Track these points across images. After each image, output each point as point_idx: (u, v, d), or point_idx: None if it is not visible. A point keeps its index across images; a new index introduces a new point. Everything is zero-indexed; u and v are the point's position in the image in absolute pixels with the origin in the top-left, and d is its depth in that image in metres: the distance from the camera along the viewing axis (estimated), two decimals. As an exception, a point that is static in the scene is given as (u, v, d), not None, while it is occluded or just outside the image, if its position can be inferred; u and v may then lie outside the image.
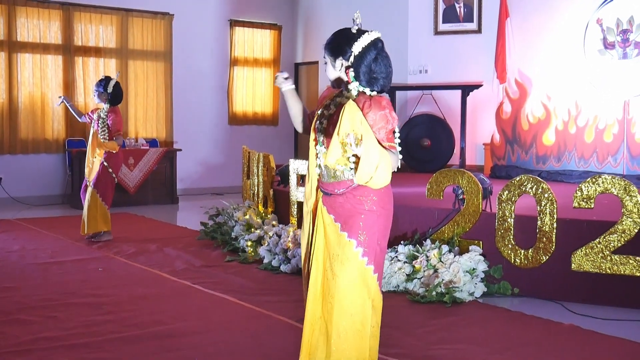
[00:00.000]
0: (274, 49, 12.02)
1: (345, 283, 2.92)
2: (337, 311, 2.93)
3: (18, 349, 3.62)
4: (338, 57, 3.01)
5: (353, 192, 2.95)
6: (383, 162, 2.79)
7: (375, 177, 2.80)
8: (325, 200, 3.03)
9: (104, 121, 6.80)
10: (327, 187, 3.02)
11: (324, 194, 3.04)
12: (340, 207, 2.98)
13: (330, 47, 3.05)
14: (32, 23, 9.84)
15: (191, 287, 5.02)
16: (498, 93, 8.80)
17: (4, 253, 6.22)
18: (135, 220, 8.39)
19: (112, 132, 6.80)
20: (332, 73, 3.06)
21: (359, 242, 2.93)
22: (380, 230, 2.99)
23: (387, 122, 2.89)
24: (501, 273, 4.82)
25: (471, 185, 5.02)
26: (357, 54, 2.94)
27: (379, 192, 2.95)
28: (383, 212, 2.99)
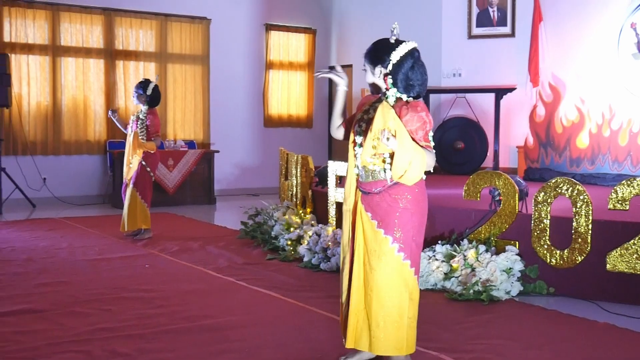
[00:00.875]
0: (309, 53, 12.21)
1: (382, 277, 3.17)
2: (375, 303, 3.18)
3: (78, 339, 3.83)
4: (377, 65, 3.25)
5: (389, 191, 3.19)
6: (417, 158, 3.05)
7: (409, 171, 3.05)
8: (363, 199, 3.27)
9: (143, 122, 7.03)
10: (365, 186, 3.26)
11: (362, 193, 3.28)
12: (376, 205, 3.21)
13: (370, 55, 3.29)
14: (75, 28, 10.14)
15: (235, 284, 5.21)
16: (531, 96, 8.89)
17: (54, 250, 6.48)
18: (175, 220, 8.63)
19: (150, 134, 7.03)
20: (370, 80, 3.29)
21: (394, 239, 3.17)
22: (415, 227, 3.22)
23: (424, 123, 3.14)
24: (537, 273, 4.95)
25: (508, 186, 5.15)
26: (395, 62, 3.19)
27: (414, 192, 3.19)
28: (417, 210, 3.22)
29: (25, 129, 9.82)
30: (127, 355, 3.57)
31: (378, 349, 3.22)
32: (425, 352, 3.64)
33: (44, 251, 6.41)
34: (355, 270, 3.26)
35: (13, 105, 9.52)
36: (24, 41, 9.77)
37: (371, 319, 3.20)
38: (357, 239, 3.28)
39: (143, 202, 7.05)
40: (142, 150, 7.02)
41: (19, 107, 9.74)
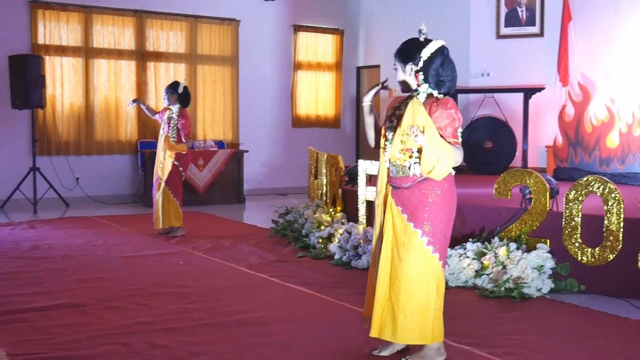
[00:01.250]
0: (336, 53, 12.29)
1: (411, 269, 3.29)
2: (403, 294, 3.30)
3: (118, 332, 3.94)
4: (408, 63, 3.38)
5: (419, 186, 3.31)
6: (444, 154, 3.18)
7: (437, 167, 3.19)
8: (393, 194, 3.40)
9: (175, 123, 7.16)
10: (396, 181, 3.39)
11: (393, 187, 3.41)
12: (407, 200, 3.34)
13: (401, 54, 3.42)
14: (107, 30, 10.31)
15: (268, 280, 5.30)
16: (561, 96, 8.88)
17: (90, 247, 6.62)
18: (206, 219, 8.75)
19: (182, 135, 7.17)
20: (401, 77, 3.42)
21: (423, 232, 3.29)
22: (443, 221, 3.33)
23: (454, 120, 3.27)
24: (568, 270, 4.97)
25: (538, 185, 5.18)
26: (425, 58, 3.34)
27: (443, 187, 3.31)
28: (446, 204, 3.33)
29: (59, 130, 10.00)
30: (166, 347, 3.67)
31: (404, 338, 3.33)
32: (457, 347, 3.70)
33: (80, 248, 6.55)
34: (382, 262, 3.37)
35: (47, 106, 9.70)
36: (57, 43, 9.95)
37: (398, 309, 3.30)
38: (385, 232, 3.40)
39: (175, 200, 7.22)
40: (173, 152, 7.17)
41: (53, 108, 9.93)
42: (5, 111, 9.55)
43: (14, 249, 6.51)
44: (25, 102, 9.20)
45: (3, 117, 9.64)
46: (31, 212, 9.14)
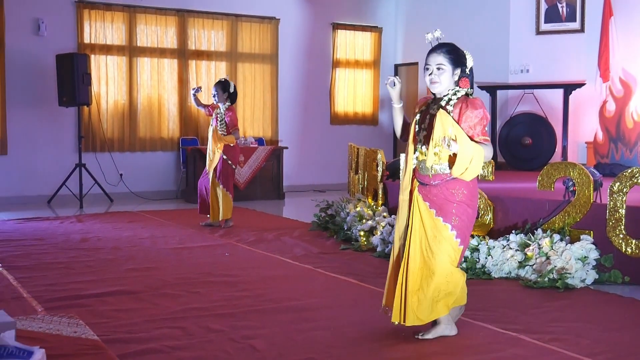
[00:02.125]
0: (375, 51, 12.37)
1: (444, 261, 3.53)
2: (436, 282, 3.52)
3: (172, 317, 4.08)
4: (458, 67, 3.62)
5: (447, 185, 3.53)
6: (477, 156, 3.42)
7: (470, 168, 3.43)
8: (420, 190, 3.61)
9: (223, 118, 7.41)
10: (424, 179, 3.59)
11: (420, 184, 3.61)
12: (435, 196, 3.56)
13: (454, 58, 3.63)
14: (150, 29, 10.53)
15: (314, 270, 5.42)
16: (601, 92, 8.87)
17: (137, 239, 6.80)
18: (248, 213, 8.90)
19: (229, 128, 7.42)
20: (447, 80, 3.60)
21: (453, 226, 3.53)
22: (469, 218, 3.59)
23: (482, 119, 3.51)
24: (612, 262, 5.00)
25: (582, 177, 5.22)
26: (471, 66, 3.66)
27: (469, 187, 3.55)
28: (471, 203, 3.59)
29: (104, 127, 10.24)
30: (220, 331, 3.79)
31: (439, 314, 3.59)
32: (504, 333, 3.77)
33: (128, 240, 6.73)
34: (412, 254, 3.55)
35: (92, 103, 9.93)
36: (102, 42, 10.20)
37: (429, 294, 3.52)
38: (413, 226, 3.58)
39: (228, 194, 7.48)
40: (222, 144, 7.40)
41: (98, 106, 10.18)
42: (52, 108, 9.82)
43: (65, 240, 6.71)
44: (72, 99, 9.45)
45: (51, 115, 9.90)
46: (77, 207, 9.38)
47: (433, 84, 3.60)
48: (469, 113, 3.48)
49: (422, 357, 3.39)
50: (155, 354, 3.40)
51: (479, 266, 5.24)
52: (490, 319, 4.03)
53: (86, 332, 3.70)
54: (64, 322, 3.88)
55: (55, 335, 3.64)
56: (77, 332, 3.71)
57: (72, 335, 3.66)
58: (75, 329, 3.76)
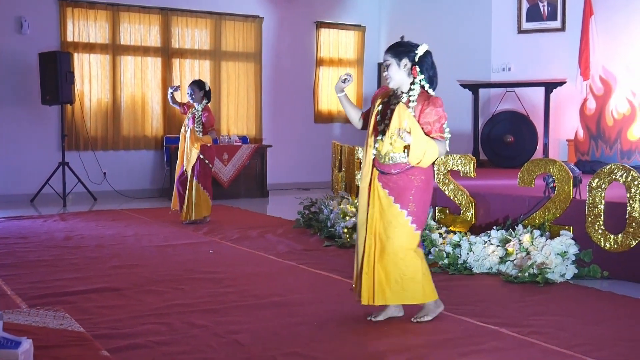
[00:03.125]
0: (358, 49, 12.42)
1: (397, 244, 3.77)
2: (392, 265, 3.78)
3: (157, 313, 4.10)
4: (403, 58, 3.78)
5: (406, 172, 3.77)
6: (430, 149, 3.65)
7: (424, 159, 3.67)
8: (380, 178, 3.83)
9: (200, 118, 7.49)
10: (384, 167, 3.81)
11: (380, 173, 3.83)
12: (394, 183, 3.79)
13: (396, 50, 3.81)
14: (133, 27, 10.52)
15: (297, 267, 5.46)
16: (582, 90, 8.96)
17: (121, 237, 6.80)
18: (231, 211, 8.93)
19: (206, 128, 7.54)
20: (397, 73, 3.78)
21: (408, 212, 3.77)
22: (425, 202, 3.85)
23: (441, 117, 3.75)
24: (591, 257, 5.08)
25: (562, 173, 5.29)
26: (421, 54, 3.79)
27: (426, 174, 3.81)
28: (428, 188, 3.85)
29: (87, 125, 10.22)
30: (204, 326, 3.82)
31: (398, 299, 3.83)
32: (485, 327, 3.83)
33: (112, 238, 6.74)
34: (369, 240, 3.83)
35: (76, 102, 9.91)
36: (85, 40, 10.17)
37: (390, 278, 3.78)
38: (371, 213, 3.83)
39: (205, 192, 7.59)
40: (199, 144, 7.47)
41: (81, 104, 10.15)
42: (35, 107, 9.80)
43: (48, 239, 6.71)
44: (55, 98, 9.42)
45: (34, 113, 9.88)
46: (60, 206, 9.36)
47: (387, 80, 3.83)
48: (429, 110, 3.71)
49: (405, 349, 3.44)
50: (140, 349, 3.43)
51: (460, 262, 5.31)
52: (471, 313, 4.09)
53: (72, 325, 3.73)
54: (49, 315, 3.91)
55: (42, 327, 3.68)
56: (62, 324, 3.75)
57: (58, 327, 3.69)
58: (61, 321, 3.80)
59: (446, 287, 4.81)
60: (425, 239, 5.58)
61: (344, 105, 4.09)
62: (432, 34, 11.28)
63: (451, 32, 10.96)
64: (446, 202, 6.08)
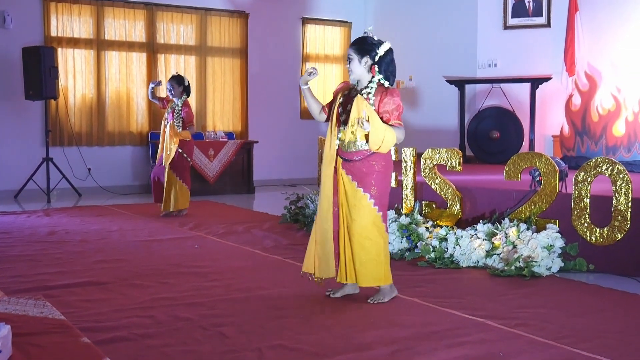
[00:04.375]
0: (344, 45, 12.40)
1: (362, 225, 4.04)
2: (357, 246, 4.06)
3: (141, 306, 4.06)
4: (365, 56, 4.03)
5: (368, 159, 4.03)
6: (388, 135, 3.92)
7: (383, 145, 3.94)
8: (344, 165, 4.09)
9: (179, 113, 7.62)
10: (347, 155, 4.07)
11: (344, 160, 4.08)
12: (357, 169, 4.05)
13: (360, 47, 4.05)
14: (118, 22, 10.45)
15: (284, 261, 5.43)
16: (567, 86, 8.98)
17: (105, 232, 6.75)
18: (217, 207, 8.89)
19: (185, 123, 7.67)
20: (357, 68, 4.04)
21: (371, 195, 4.05)
22: (387, 185, 4.14)
23: (399, 106, 4.04)
24: (577, 250, 5.08)
25: (548, 167, 5.30)
26: (381, 54, 4.04)
27: (386, 159, 4.08)
28: (388, 172, 4.12)
29: (71, 121, 10.14)
30: (189, 319, 3.78)
31: (363, 282, 4.12)
32: (471, 319, 3.82)
33: (97, 233, 6.69)
34: (341, 223, 4.11)
35: (60, 97, 9.84)
36: (70, 35, 10.10)
37: (355, 258, 4.08)
38: (339, 197, 4.09)
39: (183, 184, 7.74)
40: (177, 139, 7.62)
41: (65, 99, 10.07)
42: (19, 102, 9.71)
43: (31, 234, 6.64)
44: (39, 93, 9.34)
45: (17, 108, 9.79)
46: (44, 202, 9.28)
47: (348, 73, 4.08)
48: (387, 100, 3.96)
49: (390, 342, 3.42)
50: (123, 341, 3.39)
51: (447, 255, 5.30)
52: (458, 306, 4.08)
53: (53, 313, 3.70)
54: (30, 303, 3.88)
55: (22, 315, 3.66)
56: (43, 312, 3.72)
57: (38, 315, 3.67)
58: (41, 309, 3.77)
59: (433, 280, 4.80)
60: (412, 233, 5.58)
61: (307, 98, 4.29)
62: (417, 30, 11.30)
63: (437, 28, 10.97)
64: (433, 196, 6.07)
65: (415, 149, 6.17)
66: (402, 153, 6.21)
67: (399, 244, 5.62)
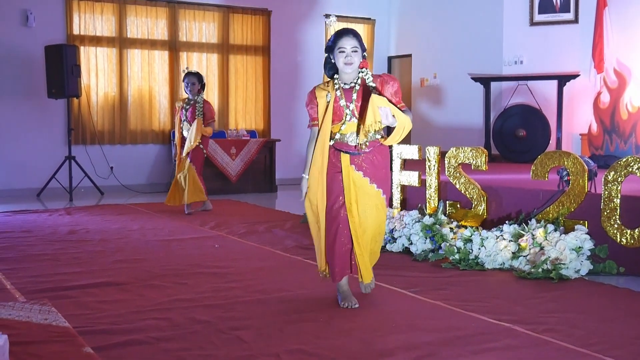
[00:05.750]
0: (368, 42, 12.26)
1: (380, 220, 4.05)
2: (373, 243, 4.10)
3: (158, 308, 3.98)
4: (363, 51, 3.92)
5: (379, 150, 3.97)
6: (407, 123, 3.81)
7: (402, 135, 3.84)
8: (352, 160, 3.94)
9: (201, 110, 7.69)
10: (354, 149, 3.92)
11: (351, 154, 3.93)
12: (369, 162, 3.94)
13: (360, 40, 3.92)
14: (140, 20, 10.42)
15: (304, 262, 5.33)
16: (595, 83, 8.79)
17: (126, 231, 6.70)
18: (239, 206, 8.82)
19: (207, 120, 7.75)
20: (358, 60, 3.86)
21: (384, 191, 4.02)
22: (389, 177, 4.15)
23: (399, 88, 3.95)
24: (606, 252, 4.92)
25: (577, 166, 5.14)
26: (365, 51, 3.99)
27: (388, 150, 4.08)
28: (389, 165, 4.16)
29: (94, 119, 10.13)
30: (206, 322, 3.70)
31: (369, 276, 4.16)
32: (497, 324, 3.69)
33: (117, 232, 6.64)
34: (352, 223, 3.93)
35: (82, 95, 9.82)
36: (92, 34, 10.09)
37: (373, 256, 4.18)
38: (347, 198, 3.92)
39: (198, 177, 7.82)
40: (201, 135, 7.70)
41: (88, 98, 10.06)
42: (41, 101, 9.71)
43: (52, 233, 6.62)
44: (61, 91, 9.33)
45: (40, 107, 9.79)
46: (67, 200, 9.27)
47: (348, 65, 3.84)
48: (389, 86, 3.86)
49: (412, 347, 3.31)
50: (139, 345, 3.31)
51: (472, 257, 5.16)
52: (483, 310, 3.95)
53: (57, 320, 3.61)
54: (35, 309, 3.80)
55: (24, 322, 3.57)
56: (47, 319, 3.63)
57: (41, 322, 3.58)
58: (46, 316, 3.68)
59: (457, 283, 4.68)
60: (436, 233, 5.45)
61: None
62: (442, 26, 11.15)
63: (462, 25, 10.81)
64: (457, 196, 5.94)
65: (440, 147, 6.04)
66: (425, 152, 6.08)
67: (422, 245, 5.50)
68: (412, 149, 6.19)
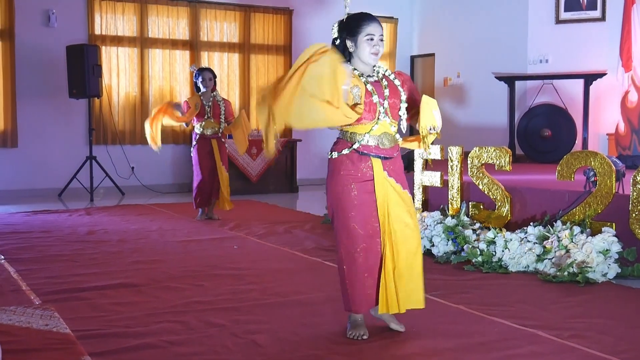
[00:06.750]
0: (390, 42, 12.15)
1: (416, 231, 3.42)
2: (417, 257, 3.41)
3: (174, 310, 3.91)
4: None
5: (399, 152, 3.49)
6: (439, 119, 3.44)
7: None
8: (385, 166, 3.38)
9: (221, 107, 7.43)
10: (388, 152, 3.40)
11: (384, 159, 3.38)
12: (398, 167, 3.43)
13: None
14: (161, 20, 10.39)
15: (323, 263, 5.24)
16: (623, 82, 8.59)
17: (145, 232, 6.65)
18: (259, 206, 8.75)
19: (227, 117, 7.51)
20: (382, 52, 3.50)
21: (410, 193, 3.49)
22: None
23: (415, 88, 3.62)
24: (635, 255, 4.77)
25: (604, 166, 4.99)
26: None
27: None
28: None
29: (115, 119, 10.12)
30: (222, 325, 3.62)
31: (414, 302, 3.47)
32: (521, 329, 3.57)
33: (136, 233, 6.59)
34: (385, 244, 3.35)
35: (103, 95, 9.81)
36: (113, 33, 10.07)
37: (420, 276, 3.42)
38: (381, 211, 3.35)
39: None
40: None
41: (109, 98, 10.05)
42: (63, 100, 9.72)
43: (70, 233, 6.59)
44: (83, 91, 9.32)
45: (61, 107, 9.80)
46: (87, 201, 9.27)
47: (376, 55, 3.44)
48: (408, 81, 3.55)
49: (432, 354, 3.20)
50: (151, 349, 3.24)
51: (495, 260, 5.03)
52: (506, 315, 3.83)
53: (58, 326, 3.53)
54: (36, 314, 3.73)
55: (24, 328, 3.49)
56: (48, 325, 3.55)
57: (42, 328, 3.50)
58: (47, 322, 3.61)
59: (480, 286, 4.56)
60: (458, 235, 5.33)
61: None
62: (465, 24, 11.00)
63: (486, 23, 10.65)
64: (480, 197, 5.81)
65: (462, 147, 5.92)
66: (448, 152, 5.96)
67: (444, 247, 5.37)
68: (435, 148, 6.07)
